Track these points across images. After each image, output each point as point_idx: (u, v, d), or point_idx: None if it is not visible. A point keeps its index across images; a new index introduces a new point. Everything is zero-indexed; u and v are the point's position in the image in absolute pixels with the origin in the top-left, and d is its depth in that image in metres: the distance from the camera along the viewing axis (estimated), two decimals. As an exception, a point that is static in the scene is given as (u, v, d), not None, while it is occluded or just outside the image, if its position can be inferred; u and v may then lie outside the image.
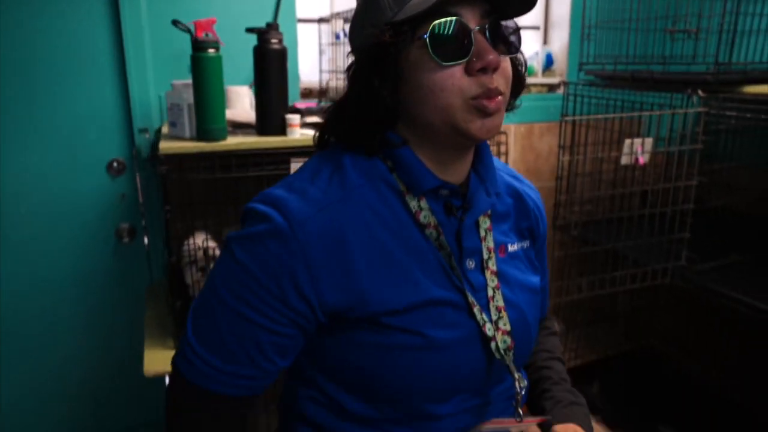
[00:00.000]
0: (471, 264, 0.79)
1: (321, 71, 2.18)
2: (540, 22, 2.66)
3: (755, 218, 2.22)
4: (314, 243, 0.69)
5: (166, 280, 2.07)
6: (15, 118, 1.85)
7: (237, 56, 1.93)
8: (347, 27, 1.97)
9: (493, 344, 0.77)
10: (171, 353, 1.37)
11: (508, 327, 0.79)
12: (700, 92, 1.72)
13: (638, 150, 1.82)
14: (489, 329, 0.77)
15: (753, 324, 2.15)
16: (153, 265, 2.12)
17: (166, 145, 1.39)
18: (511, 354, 0.79)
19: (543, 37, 2.67)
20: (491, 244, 0.81)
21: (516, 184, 0.91)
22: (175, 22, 1.56)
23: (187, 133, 1.48)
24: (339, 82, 2.09)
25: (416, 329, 0.73)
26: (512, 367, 0.80)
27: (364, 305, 0.72)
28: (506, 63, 0.72)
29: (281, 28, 1.73)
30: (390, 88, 0.72)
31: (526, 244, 0.89)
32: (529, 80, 2.58)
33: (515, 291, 0.83)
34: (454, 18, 0.68)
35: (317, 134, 0.83)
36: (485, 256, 0.80)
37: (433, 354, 0.74)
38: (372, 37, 0.70)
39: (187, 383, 0.76)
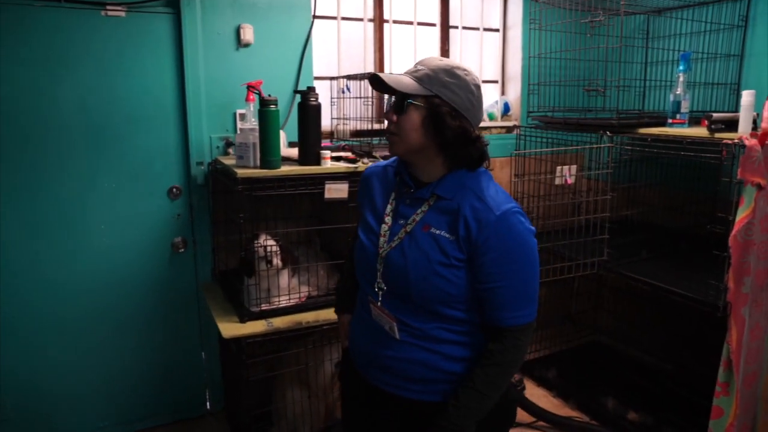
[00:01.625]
0: (401, 220, 1.31)
1: (332, 118, 2.80)
2: (498, 77, 3.37)
3: (656, 224, 2.94)
4: (362, 180, 1.47)
5: (213, 281, 2.63)
6: (100, 152, 2.41)
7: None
8: (351, 83, 2.62)
9: (379, 260, 1.32)
10: (237, 324, 1.95)
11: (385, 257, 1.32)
12: (608, 133, 2.44)
13: (566, 173, 2.51)
14: (382, 250, 1.31)
15: (662, 303, 2.83)
16: (199, 270, 2.66)
17: (241, 172, 1.99)
18: (381, 268, 1.32)
19: (501, 88, 3.39)
20: (417, 219, 1.29)
21: (469, 201, 1.24)
22: (249, 86, 2.19)
23: (252, 163, 2.08)
24: (346, 126, 2.72)
25: (358, 232, 1.41)
26: (379, 276, 1.32)
27: (361, 211, 1.44)
28: (396, 117, 1.25)
29: (300, 86, 2.38)
30: None
31: (452, 237, 1.24)
32: (490, 123, 3.27)
33: (412, 247, 1.27)
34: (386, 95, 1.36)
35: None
36: (409, 221, 1.29)
37: (359, 248, 1.38)
38: None
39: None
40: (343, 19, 2.86)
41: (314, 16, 2.68)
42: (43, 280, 2.39)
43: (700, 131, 2.23)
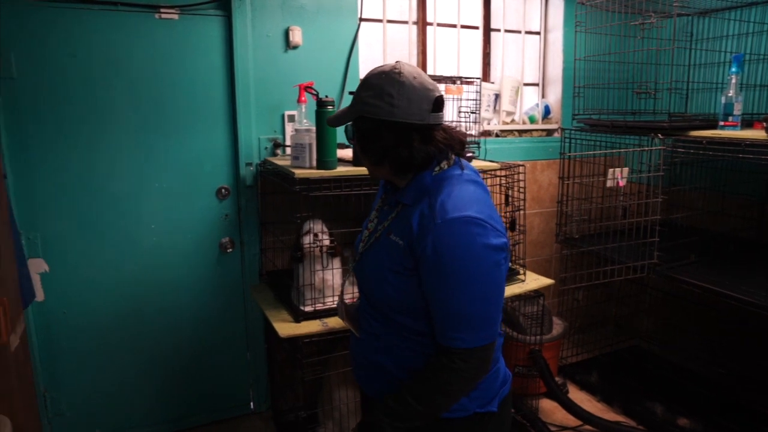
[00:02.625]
0: (379, 225, 1.29)
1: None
2: (539, 80, 3.37)
3: (702, 228, 2.91)
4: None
5: (260, 282, 2.65)
6: (151, 152, 2.45)
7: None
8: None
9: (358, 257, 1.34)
10: (292, 323, 1.97)
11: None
12: (659, 135, 2.42)
13: (618, 176, 2.49)
14: (357, 254, 1.34)
15: (710, 308, 2.79)
16: (246, 270, 2.68)
17: (299, 172, 2.00)
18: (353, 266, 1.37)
19: (542, 91, 3.38)
20: (386, 225, 1.26)
21: (421, 207, 1.18)
22: (305, 87, 2.21)
23: (308, 164, 2.09)
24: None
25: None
26: (351, 271, 1.39)
27: None
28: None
29: (346, 87, 2.39)
30: None
31: (402, 243, 1.19)
32: (531, 126, 3.26)
33: (374, 253, 1.28)
34: None
35: None
36: (379, 227, 1.28)
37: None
38: None
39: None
40: (389, 21, 2.87)
41: (361, 19, 2.70)
42: (94, 278, 2.42)
43: (757, 134, 2.20)
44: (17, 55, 2.17)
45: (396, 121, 1.18)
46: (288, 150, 2.56)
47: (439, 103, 1.21)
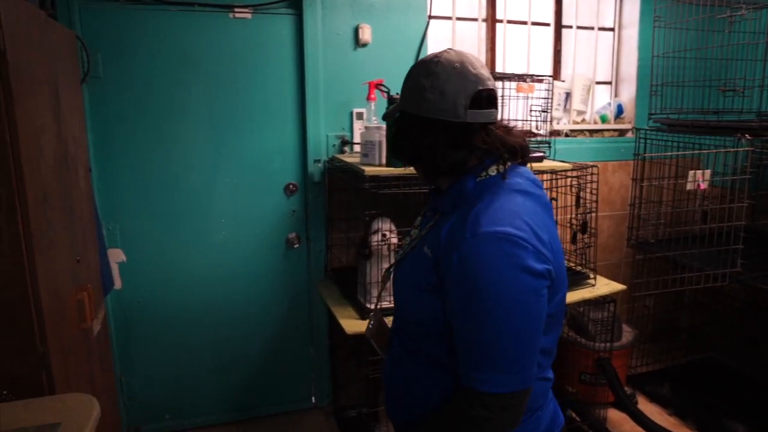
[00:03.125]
0: (421, 232, 1.13)
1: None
2: (611, 78, 3.25)
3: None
4: None
5: (326, 278, 2.67)
6: (222, 148, 2.51)
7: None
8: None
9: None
10: (358, 320, 1.97)
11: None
12: (747, 136, 2.28)
13: (699, 178, 2.37)
14: (397, 258, 1.18)
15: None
16: (312, 266, 2.71)
17: (368, 169, 2.01)
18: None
19: (614, 90, 3.26)
20: (423, 234, 1.11)
21: (455, 217, 1.02)
22: (375, 84, 2.21)
23: (377, 161, 2.10)
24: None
25: None
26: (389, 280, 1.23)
27: None
28: None
29: None
30: None
31: (430, 255, 1.03)
32: (602, 126, 3.15)
33: (405, 265, 1.12)
34: None
35: None
36: (420, 233, 1.13)
37: None
38: None
39: None
40: (458, 19, 2.84)
41: (430, 16, 2.68)
42: (167, 268, 2.51)
43: None
44: (104, 56, 2.28)
45: (425, 117, 1.02)
46: (356, 147, 2.57)
47: (482, 98, 1.01)
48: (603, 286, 2.42)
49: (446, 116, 1.00)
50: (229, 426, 2.68)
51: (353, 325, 2.06)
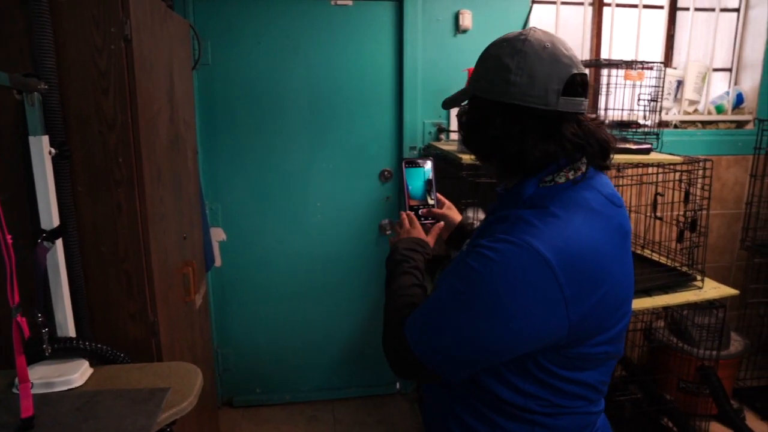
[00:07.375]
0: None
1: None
2: (731, 64, 2.98)
3: None
4: None
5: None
6: (321, 133, 2.56)
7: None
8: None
9: None
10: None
11: None
12: None
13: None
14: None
15: None
16: (401, 252, 2.71)
17: (466, 157, 1.97)
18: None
19: (734, 78, 2.99)
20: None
21: (486, 226, 0.95)
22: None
23: (475, 150, 2.05)
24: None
25: None
26: None
27: None
28: None
29: None
30: None
31: None
32: (718, 117, 2.91)
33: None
34: None
35: None
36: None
37: None
38: None
39: None
40: (563, 3, 2.71)
41: (533, 1, 2.58)
42: (264, 247, 2.61)
43: None
44: (212, 44, 2.38)
45: (510, 103, 0.87)
46: (452, 135, 2.53)
47: (576, 84, 0.87)
48: (711, 289, 2.24)
49: (535, 102, 0.86)
50: (315, 404, 2.76)
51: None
